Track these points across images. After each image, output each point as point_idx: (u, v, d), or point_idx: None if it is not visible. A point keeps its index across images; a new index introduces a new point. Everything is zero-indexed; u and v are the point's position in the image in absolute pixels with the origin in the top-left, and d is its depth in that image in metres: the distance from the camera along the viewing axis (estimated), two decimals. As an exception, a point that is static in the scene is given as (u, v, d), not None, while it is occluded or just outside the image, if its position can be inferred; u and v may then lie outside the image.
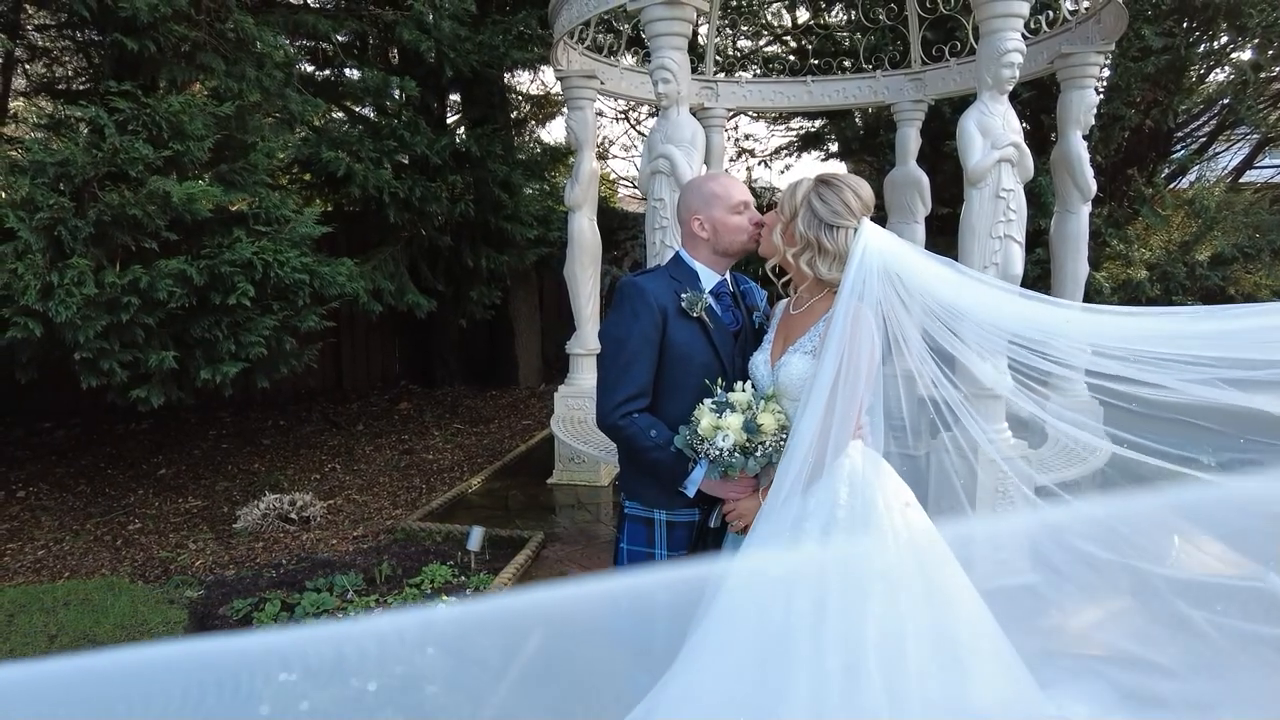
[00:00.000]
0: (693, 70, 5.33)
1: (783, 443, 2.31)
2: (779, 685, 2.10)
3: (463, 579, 4.49)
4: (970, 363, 2.37)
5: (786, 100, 7.65)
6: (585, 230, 6.31)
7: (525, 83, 11.50)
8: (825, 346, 2.23)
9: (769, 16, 12.15)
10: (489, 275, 9.01)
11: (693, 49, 5.03)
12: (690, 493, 2.42)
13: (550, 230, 9.02)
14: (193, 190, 5.23)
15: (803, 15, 11.79)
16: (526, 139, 11.03)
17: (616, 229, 11.04)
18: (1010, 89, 4.32)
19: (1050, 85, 6.99)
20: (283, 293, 5.84)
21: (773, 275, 2.58)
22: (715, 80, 7.48)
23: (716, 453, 2.28)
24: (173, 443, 7.69)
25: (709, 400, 2.36)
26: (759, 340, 2.55)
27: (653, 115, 12.03)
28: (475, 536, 4.74)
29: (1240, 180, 10.67)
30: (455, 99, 9.69)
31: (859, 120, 10.95)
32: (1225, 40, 9.33)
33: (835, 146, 11.97)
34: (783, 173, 13.21)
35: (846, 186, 2.32)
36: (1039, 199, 7.57)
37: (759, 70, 10.83)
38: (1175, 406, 2.11)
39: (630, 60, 7.08)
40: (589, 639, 2.27)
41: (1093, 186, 5.65)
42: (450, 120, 9.71)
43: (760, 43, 12.15)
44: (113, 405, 5.97)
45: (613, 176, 14.60)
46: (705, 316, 2.46)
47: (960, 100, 7.40)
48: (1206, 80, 9.84)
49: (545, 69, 10.27)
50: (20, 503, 6.27)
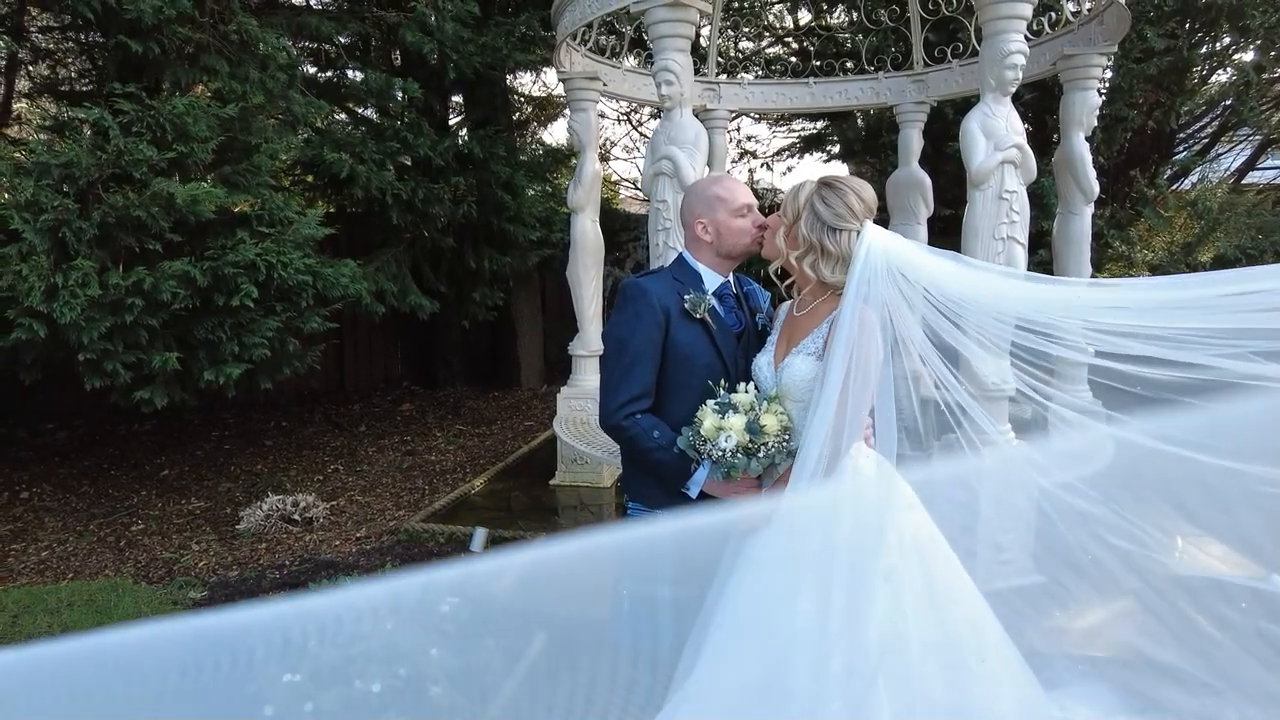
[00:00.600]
0: (695, 72, 5.34)
1: (785, 444, 2.31)
2: (782, 686, 2.10)
3: (466, 580, 4.49)
4: (975, 358, 2.37)
5: (788, 102, 7.64)
6: (588, 232, 6.31)
7: (527, 84, 11.53)
8: (832, 348, 2.24)
9: (771, 18, 12.16)
10: (491, 276, 9.02)
11: (695, 50, 5.03)
12: (693, 493, 2.42)
13: (552, 232, 9.03)
14: (196, 192, 5.24)
15: (805, 17, 11.80)
16: (529, 140, 11.05)
17: (619, 230, 11.05)
18: (1013, 90, 4.31)
19: (1052, 86, 7.00)
20: (286, 294, 5.85)
21: (776, 277, 2.58)
22: (717, 82, 7.49)
23: (719, 453, 2.29)
24: (175, 444, 7.70)
25: (712, 401, 2.36)
26: (762, 342, 2.56)
27: (654, 117, 12.05)
28: (478, 538, 4.75)
29: (1243, 181, 10.67)
30: (458, 100, 9.70)
31: (861, 122, 10.95)
32: (1227, 41, 9.33)
33: (837, 148, 11.98)
34: (785, 174, 13.24)
35: (849, 189, 2.33)
36: (1041, 200, 7.56)
37: (761, 72, 10.84)
38: (1179, 386, 2.08)
39: (632, 62, 7.08)
40: (593, 639, 2.27)
41: (1095, 188, 5.64)
42: (453, 122, 9.72)
43: (762, 44, 12.17)
44: (115, 406, 5.99)
45: (615, 178, 14.61)
46: (708, 318, 2.47)
47: (962, 102, 7.40)
48: (1209, 81, 9.84)
49: (547, 70, 10.28)
50: (24, 504, 6.29)
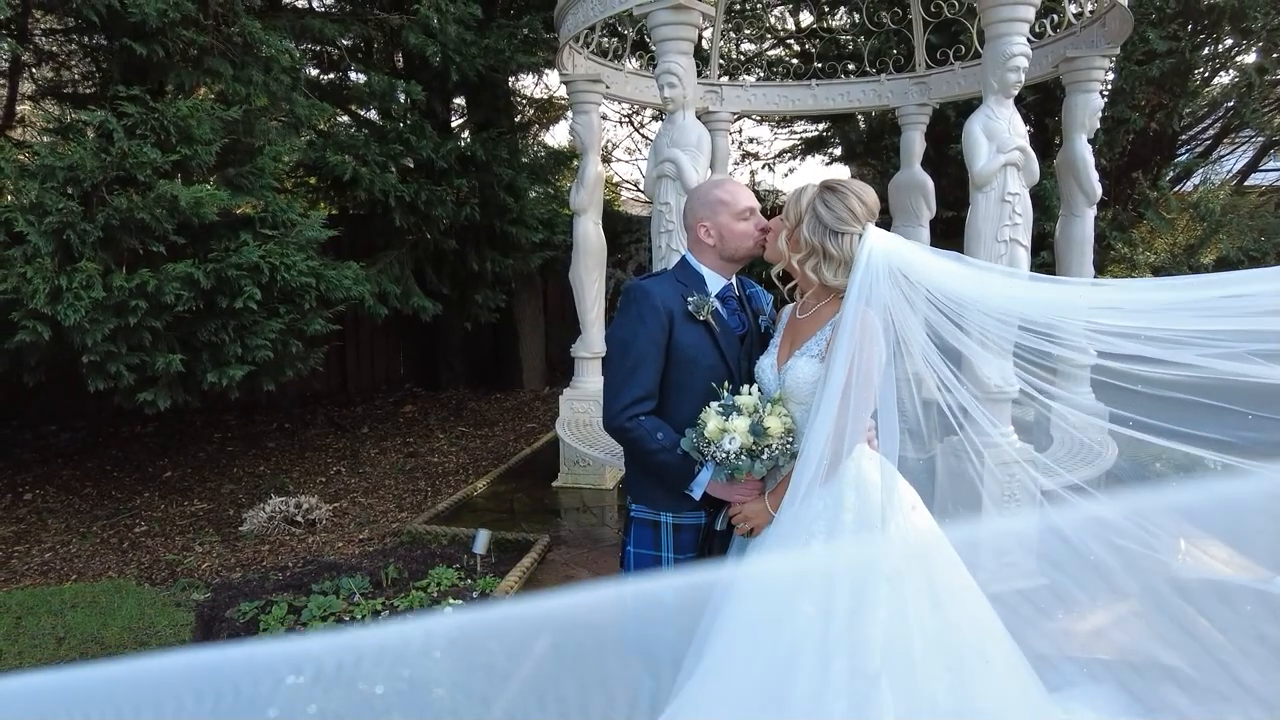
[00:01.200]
0: (697, 74, 5.34)
1: (789, 446, 2.32)
2: (786, 687, 2.10)
3: (469, 582, 4.49)
4: (977, 359, 2.37)
5: (790, 104, 7.65)
6: (590, 233, 6.32)
7: (530, 87, 11.55)
8: (834, 350, 2.24)
9: (773, 20, 12.17)
10: (494, 278, 9.04)
11: (697, 53, 5.03)
12: (696, 495, 2.42)
13: (555, 233, 9.04)
14: (200, 194, 5.25)
15: (806, 19, 11.81)
16: (531, 143, 11.06)
17: (621, 232, 11.06)
18: (1016, 93, 4.32)
19: (1055, 89, 7.00)
20: (289, 296, 5.86)
21: (778, 280, 2.59)
22: (719, 84, 7.50)
23: (723, 455, 2.29)
24: (178, 446, 7.71)
25: (716, 403, 2.36)
26: (765, 344, 2.56)
27: (656, 119, 12.07)
28: (481, 540, 4.75)
29: (1245, 183, 10.66)
30: (460, 103, 9.72)
31: (863, 124, 10.96)
32: (1229, 43, 9.33)
33: (839, 150, 11.99)
34: (786, 176, 13.25)
35: (851, 193, 2.33)
36: (1044, 202, 7.56)
37: (763, 74, 10.85)
38: (1183, 385, 2.08)
39: (635, 64, 7.08)
40: (595, 642, 2.27)
41: (1098, 190, 5.65)
42: (455, 124, 9.74)
43: (764, 46, 12.18)
44: (118, 408, 6.00)
45: (616, 180, 14.62)
46: (711, 320, 2.47)
47: (964, 104, 7.41)
48: (1211, 83, 9.84)
49: (549, 73, 10.29)
50: (27, 505, 6.30)
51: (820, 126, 11.94)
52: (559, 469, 6.32)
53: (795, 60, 10.87)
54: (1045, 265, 6.94)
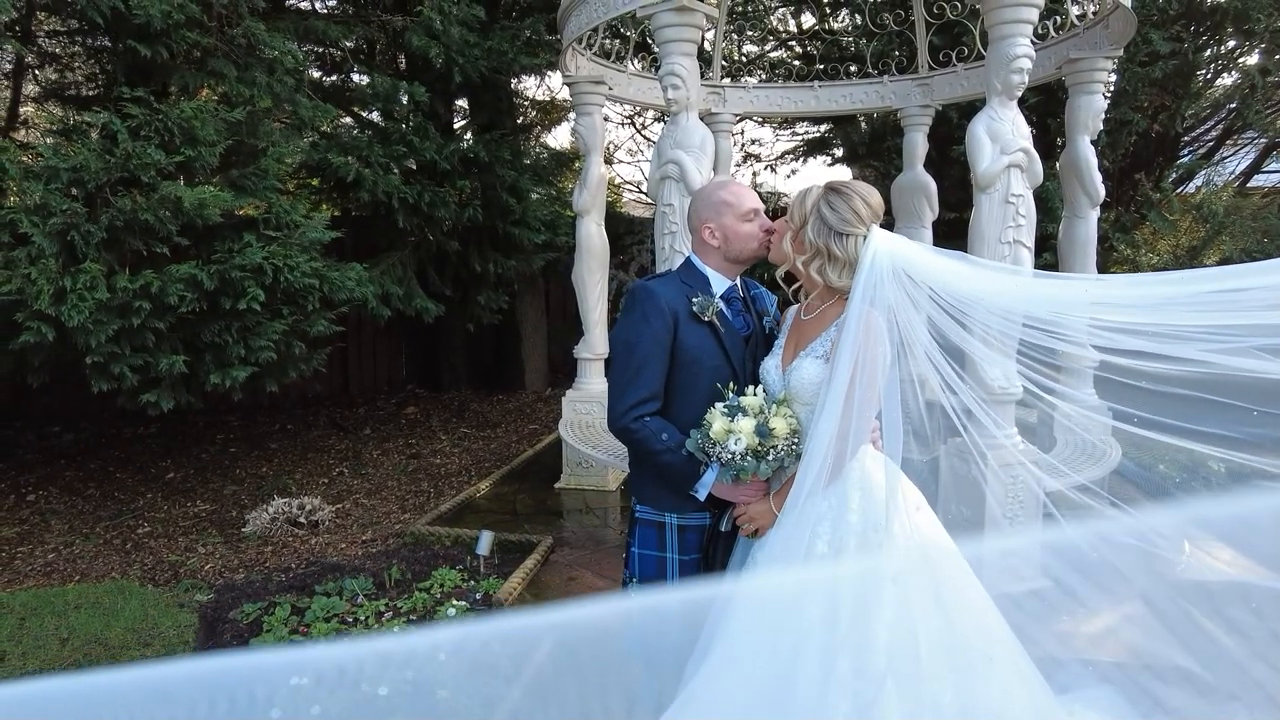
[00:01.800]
0: (700, 76, 5.35)
1: (794, 446, 2.32)
2: (790, 687, 2.10)
3: (472, 583, 4.49)
4: (981, 358, 2.36)
5: (793, 105, 7.65)
6: (593, 235, 6.33)
7: (532, 88, 11.56)
8: (839, 351, 2.24)
9: (775, 22, 12.18)
10: (496, 280, 9.04)
11: (699, 54, 5.04)
12: (701, 496, 2.42)
13: (557, 235, 9.05)
14: (204, 195, 5.26)
15: (809, 20, 11.81)
16: (534, 144, 11.06)
17: (623, 234, 11.07)
18: (1019, 94, 4.32)
19: (1058, 90, 7.00)
20: (292, 297, 5.87)
21: (782, 282, 2.59)
22: (722, 85, 7.50)
23: (729, 456, 2.29)
24: (181, 447, 7.72)
25: (720, 404, 2.36)
26: (769, 345, 2.56)
27: (658, 120, 12.08)
28: (484, 541, 4.75)
29: (1248, 185, 10.65)
30: (463, 104, 9.73)
31: (865, 125, 10.96)
32: (1232, 45, 9.33)
33: (841, 151, 11.98)
34: (789, 177, 13.24)
35: (856, 194, 2.33)
36: (1047, 204, 7.55)
37: (765, 75, 10.85)
38: (1186, 380, 2.07)
39: (637, 66, 7.09)
40: (599, 645, 2.27)
41: (1101, 191, 5.65)
42: (458, 126, 9.76)
43: (766, 48, 12.18)
44: (121, 409, 6.01)
45: (619, 181, 14.63)
46: (716, 321, 2.47)
47: (967, 105, 7.41)
48: (1214, 85, 9.83)
49: (552, 74, 10.31)
50: (30, 506, 6.31)
51: (822, 128, 11.94)
52: (561, 470, 6.33)
53: (798, 62, 10.88)
54: (1048, 266, 6.93)
